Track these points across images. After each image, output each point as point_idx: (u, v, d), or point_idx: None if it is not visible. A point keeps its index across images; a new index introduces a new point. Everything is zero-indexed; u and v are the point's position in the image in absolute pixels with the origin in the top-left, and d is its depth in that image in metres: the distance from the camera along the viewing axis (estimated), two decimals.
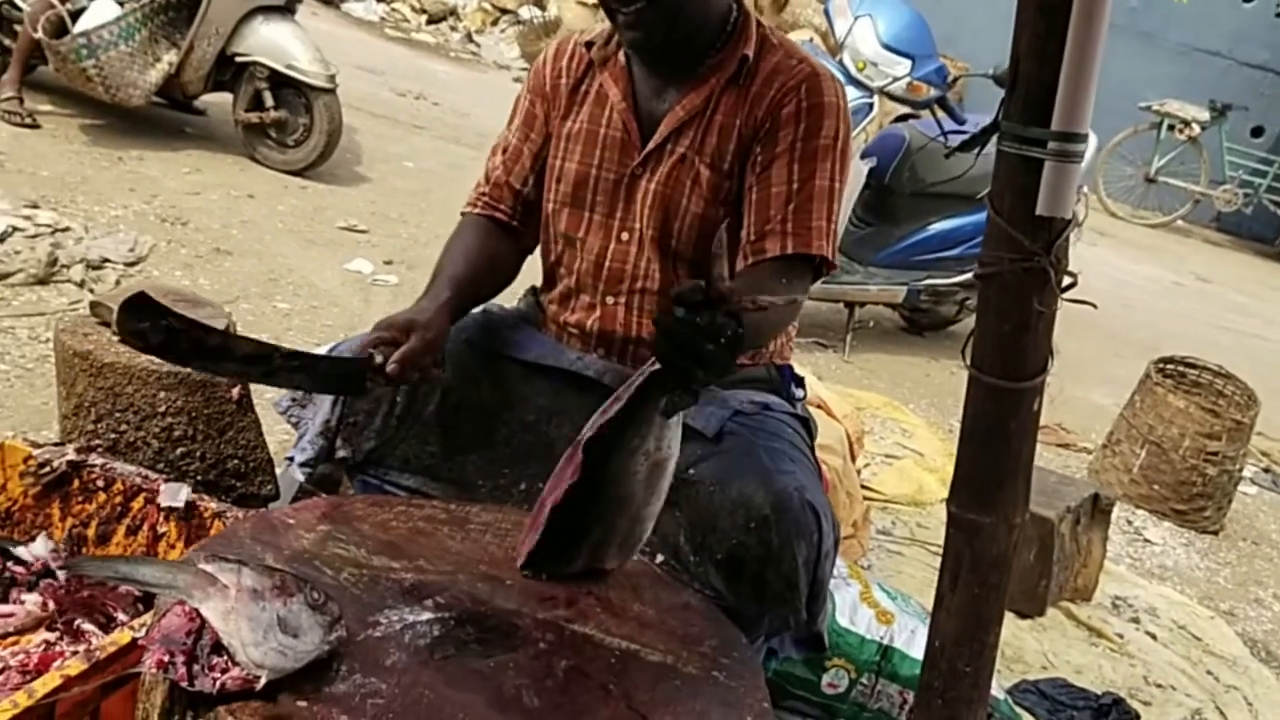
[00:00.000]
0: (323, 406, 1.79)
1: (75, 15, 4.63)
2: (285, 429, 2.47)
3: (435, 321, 1.62)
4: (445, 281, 1.73)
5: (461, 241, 1.86)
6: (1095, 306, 1.25)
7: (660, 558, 1.61)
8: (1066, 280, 1.21)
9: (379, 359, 1.53)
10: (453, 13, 10.76)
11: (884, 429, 3.91)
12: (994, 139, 1.30)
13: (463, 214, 1.93)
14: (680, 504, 1.61)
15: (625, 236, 1.80)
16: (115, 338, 1.98)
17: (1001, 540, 1.29)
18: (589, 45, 1.84)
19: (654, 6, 1.64)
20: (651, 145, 1.77)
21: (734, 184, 1.75)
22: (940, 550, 3.22)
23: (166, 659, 1.10)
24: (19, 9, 4.78)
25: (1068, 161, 1.15)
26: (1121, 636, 2.94)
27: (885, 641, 2.16)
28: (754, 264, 1.70)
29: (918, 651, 2.15)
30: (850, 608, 2.19)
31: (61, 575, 1.69)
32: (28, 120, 4.75)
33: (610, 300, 1.81)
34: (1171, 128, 9.87)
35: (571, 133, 1.83)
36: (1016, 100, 1.20)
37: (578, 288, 1.85)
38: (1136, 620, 3.07)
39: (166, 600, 1.19)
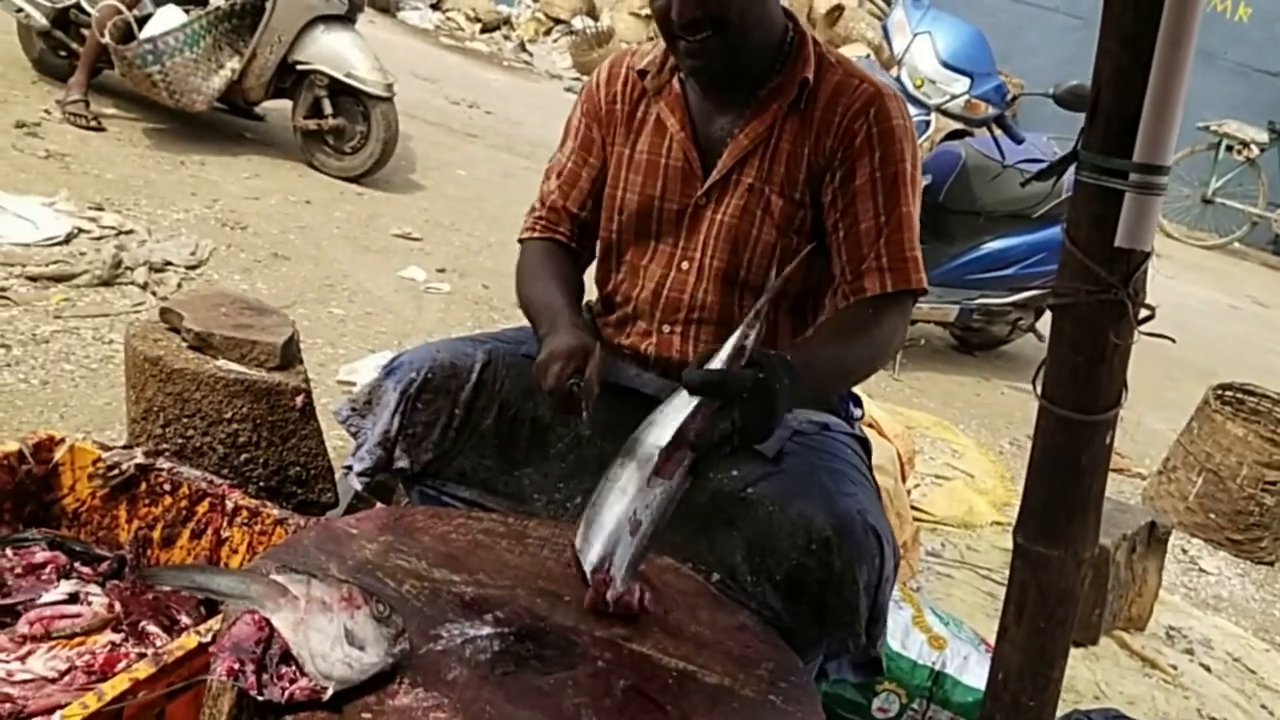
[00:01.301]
0: (382, 417, 1.79)
1: (141, 21, 4.73)
2: (343, 437, 2.50)
3: (595, 345, 1.63)
4: (567, 308, 1.73)
5: (545, 269, 1.86)
6: (1174, 341, 1.23)
7: (716, 576, 1.61)
8: (1143, 313, 1.19)
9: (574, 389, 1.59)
10: (506, 22, 10.86)
11: (934, 449, 3.87)
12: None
13: (521, 241, 1.93)
14: (738, 523, 1.60)
15: (685, 266, 1.78)
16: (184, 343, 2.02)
17: (1069, 575, 1.27)
18: (642, 74, 1.81)
19: (720, 35, 1.62)
20: (716, 175, 1.75)
21: (807, 213, 1.73)
22: (990, 573, 3.18)
23: (237, 667, 1.12)
24: (87, 14, 4.88)
25: (1149, 194, 1.14)
26: (1175, 668, 2.89)
27: (937, 667, 2.14)
28: (855, 302, 1.70)
29: (970, 678, 2.13)
30: (902, 631, 2.17)
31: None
32: (93, 123, 4.85)
33: (666, 329, 1.81)
34: (1230, 148, 9.72)
35: (631, 163, 1.81)
36: (1096, 130, 1.18)
37: (635, 314, 1.84)
38: (1191, 651, 3.02)
39: (235, 608, 1.20)
